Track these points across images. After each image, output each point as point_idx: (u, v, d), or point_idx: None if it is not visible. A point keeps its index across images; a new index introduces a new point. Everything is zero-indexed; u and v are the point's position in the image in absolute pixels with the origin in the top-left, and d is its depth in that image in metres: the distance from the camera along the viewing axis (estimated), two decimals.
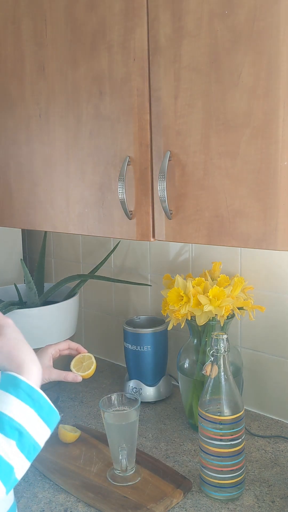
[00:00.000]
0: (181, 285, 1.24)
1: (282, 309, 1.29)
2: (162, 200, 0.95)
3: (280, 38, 0.80)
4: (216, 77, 0.88)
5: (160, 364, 1.45)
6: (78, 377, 1.09)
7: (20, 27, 1.17)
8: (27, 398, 0.75)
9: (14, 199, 1.28)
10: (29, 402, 0.75)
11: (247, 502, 1.02)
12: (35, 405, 0.75)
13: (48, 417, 0.76)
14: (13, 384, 0.76)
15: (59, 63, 1.11)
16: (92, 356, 1.15)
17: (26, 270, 1.48)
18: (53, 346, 1.12)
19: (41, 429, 0.75)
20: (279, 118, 0.81)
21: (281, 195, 0.83)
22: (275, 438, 1.24)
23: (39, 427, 0.75)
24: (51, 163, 1.17)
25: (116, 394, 1.15)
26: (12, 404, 0.74)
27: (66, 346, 1.13)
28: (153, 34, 0.95)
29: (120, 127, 1.02)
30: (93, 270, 1.61)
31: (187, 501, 1.03)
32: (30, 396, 0.75)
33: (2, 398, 0.74)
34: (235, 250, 1.36)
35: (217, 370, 1.03)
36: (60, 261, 1.92)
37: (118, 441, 1.08)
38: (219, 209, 0.91)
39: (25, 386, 0.76)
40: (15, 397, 0.75)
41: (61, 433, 1.22)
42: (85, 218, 1.12)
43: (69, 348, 1.14)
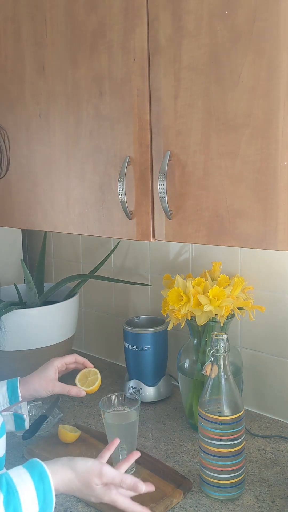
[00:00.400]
0: (181, 285, 1.24)
1: (282, 309, 1.29)
2: (162, 200, 0.95)
3: (280, 38, 0.80)
4: (216, 77, 0.88)
5: (160, 364, 1.45)
6: (82, 391, 1.10)
7: (20, 27, 1.17)
8: (42, 498, 0.76)
9: (14, 199, 1.28)
10: (41, 503, 0.76)
11: (247, 502, 1.02)
12: (42, 508, 0.76)
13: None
14: (41, 477, 0.77)
15: (59, 63, 1.11)
16: (97, 372, 1.17)
17: (26, 270, 1.48)
18: (59, 359, 1.13)
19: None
20: (279, 118, 0.81)
21: (281, 195, 0.83)
22: (275, 438, 1.24)
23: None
24: (51, 163, 1.17)
25: (116, 394, 1.15)
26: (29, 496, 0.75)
27: (73, 360, 1.14)
28: (153, 34, 0.95)
29: (120, 127, 1.02)
30: (93, 270, 1.61)
31: (187, 501, 1.03)
32: (45, 497, 0.76)
33: (25, 479, 0.76)
34: (235, 250, 1.36)
35: (217, 370, 1.03)
36: (60, 261, 1.92)
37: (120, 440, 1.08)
38: (219, 209, 0.91)
39: (47, 485, 0.77)
40: (34, 488, 0.76)
41: (61, 433, 1.22)
42: (85, 218, 1.12)
43: (75, 362, 1.14)
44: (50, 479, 0.78)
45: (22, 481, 0.76)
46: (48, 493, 0.77)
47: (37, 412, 1.35)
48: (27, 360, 1.46)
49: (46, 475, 0.78)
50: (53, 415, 1.33)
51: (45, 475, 0.78)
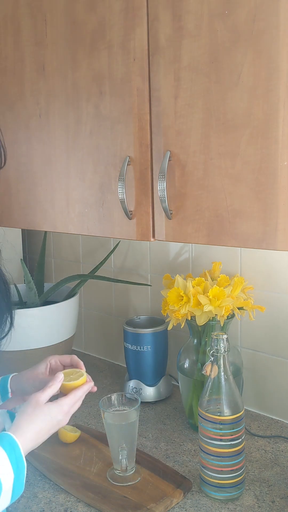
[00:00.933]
0: (181, 285, 1.24)
1: (282, 309, 1.29)
2: (162, 200, 0.95)
3: (280, 38, 0.80)
4: (216, 77, 0.88)
5: (160, 364, 1.45)
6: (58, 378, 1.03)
7: (20, 27, 1.17)
8: (14, 463, 0.81)
9: (14, 199, 1.28)
10: (14, 468, 0.81)
11: (247, 502, 1.02)
12: (16, 472, 0.81)
13: (16, 489, 0.82)
14: (10, 444, 0.83)
15: (59, 63, 1.11)
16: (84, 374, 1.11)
17: (26, 270, 1.48)
18: (55, 357, 1.11)
19: (6, 498, 0.80)
20: (279, 118, 0.81)
21: (281, 195, 0.83)
22: (275, 438, 1.24)
23: (7, 495, 0.80)
24: (51, 163, 1.17)
25: (116, 394, 1.15)
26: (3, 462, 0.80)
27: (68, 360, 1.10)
28: (153, 34, 0.95)
29: (120, 127, 1.02)
30: (93, 270, 1.61)
31: (187, 501, 1.03)
32: (17, 464, 0.81)
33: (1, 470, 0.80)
34: (235, 250, 1.36)
35: (217, 370, 1.03)
36: (60, 261, 1.92)
37: (118, 441, 1.08)
38: (219, 209, 0.91)
39: (18, 453, 0.82)
40: (7, 456, 0.81)
41: (61, 433, 1.22)
42: (85, 218, 1.12)
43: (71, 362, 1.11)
44: (19, 446, 0.84)
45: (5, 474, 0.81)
46: (20, 458, 0.82)
47: None
48: (27, 360, 1.46)
49: (15, 443, 0.84)
50: None
51: (14, 443, 0.84)
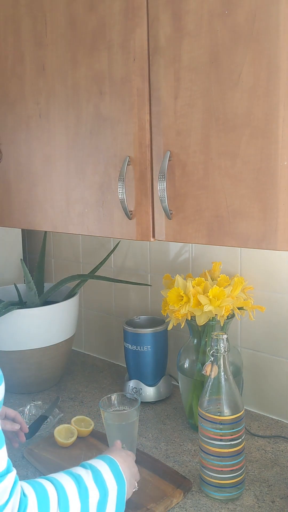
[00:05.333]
0: (181, 285, 1.24)
1: (282, 309, 1.29)
2: (162, 200, 0.95)
3: (280, 38, 0.80)
4: (216, 77, 0.88)
5: (160, 364, 1.45)
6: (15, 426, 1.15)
7: (20, 27, 1.17)
8: (117, 476, 0.89)
9: (13, 199, 1.28)
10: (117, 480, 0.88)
11: (247, 502, 1.02)
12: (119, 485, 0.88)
13: (119, 505, 0.88)
14: (111, 462, 0.91)
15: (59, 63, 1.11)
16: (92, 422, 1.26)
17: (26, 270, 1.48)
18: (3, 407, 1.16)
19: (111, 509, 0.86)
20: (279, 118, 0.81)
21: (281, 195, 0.83)
22: (275, 438, 1.24)
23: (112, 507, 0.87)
24: (51, 163, 1.17)
25: (116, 394, 1.15)
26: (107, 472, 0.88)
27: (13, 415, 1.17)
28: (153, 34, 0.95)
29: (120, 127, 1.02)
30: (93, 270, 1.61)
31: (187, 501, 1.03)
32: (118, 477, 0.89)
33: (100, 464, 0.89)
34: (235, 250, 1.36)
35: (217, 370, 1.03)
36: (60, 261, 1.92)
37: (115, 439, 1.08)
38: (219, 209, 0.91)
39: (118, 468, 0.90)
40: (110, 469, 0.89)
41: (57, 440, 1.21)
42: (85, 218, 1.12)
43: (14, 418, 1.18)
44: (117, 462, 0.92)
45: (98, 463, 0.89)
46: (119, 473, 0.90)
47: (37, 412, 1.35)
48: (27, 360, 1.46)
49: (115, 461, 0.92)
50: (53, 415, 1.33)
51: (114, 461, 0.92)
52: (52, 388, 1.55)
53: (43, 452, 1.19)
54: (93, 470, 0.86)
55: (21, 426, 1.17)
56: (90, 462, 0.90)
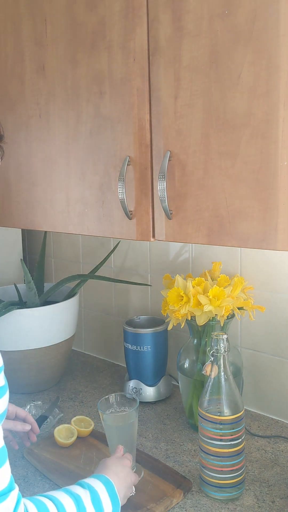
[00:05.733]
0: (181, 285, 1.24)
1: (282, 309, 1.29)
2: (162, 200, 0.95)
3: (280, 38, 0.80)
4: (216, 77, 0.88)
5: (160, 364, 1.45)
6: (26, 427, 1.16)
7: (20, 27, 1.17)
8: (113, 499, 0.88)
9: (14, 199, 1.28)
10: (113, 504, 0.88)
11: (247, 502, 1.02)
12: (114, 508, 0.87)
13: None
14: (107, 482, 0.90)
15: (59, 63, 1.11)
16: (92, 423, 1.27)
17: (26, 270, 1.48)
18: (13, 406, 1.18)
19: None
20: (279, 118, 0.81)
21: (281, 195, 0.83)
22: (275, 438, 1.24)
23: None
24: (51, 163, 1.17)
25: (114, 395, 1.14)
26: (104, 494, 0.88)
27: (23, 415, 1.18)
28: (153, 34, 0.95)
29: (120, 127, 1.02)
30: (93, 270, 1.61)
31: (187, 501, 1.03)
32: (114, 501, 0.88)
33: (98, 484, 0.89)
34: (235, 250, 1.36)
35: (217, 370, 1.03)
36: (60, 261, 1.92)
37: (118, 442, 1.08)
38: (219, 209, 0.91)
39: (113, 491, 0.89)
40: (106, 491, 0.88)
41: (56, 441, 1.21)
42: (85, 218, 1.12)
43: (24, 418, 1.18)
44: (113, 483, 0.91)
45: (96, 483, 0.89)
46: (115, 495, 0.89)
47: (37, 412, 1.35)
48: (27, 360, 1.46)
49: (110, 482, 0.91)
50: (53, 415, 1.33)
51: (109, 482, 0.91)
52: (52, 388, 1.55)
53: (43, 452, 1.19)
54: (91, 491, 0.87)
55: (32, 426, 1.18)
56: (88, 481, 0.90)
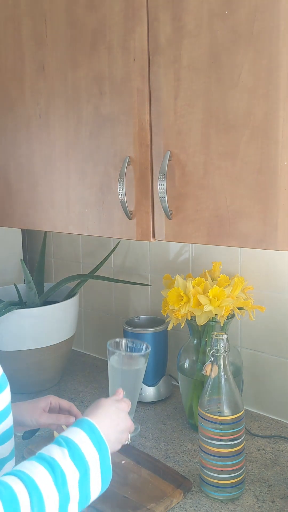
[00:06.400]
0: (181, 285, 1.24)
1: (282, 309, 1.29)
2: (162, 200, 0.95)
3: (280, 38, 0.80)
4: (216, 77, 0.88)
5: (160, 364, 1.45)
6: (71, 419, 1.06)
7: (20, 27, 1.17)
8: (97, 444, 0.81)
9: (14, 199, 1.28)
10: (98, 448, 0.81)
11: (247, 502, 1.02)
12: (101, 454, 0.81)
13: (105, 473, 0.81)
14: (89, 427, 0.83)
15: (59, 63, 1.11)
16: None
17: (26, 270, 1.48)
18: (56, 397, 1.11)
19: (96, 481, 0.79)
20: (279, 118, 0.81)
21: (281, 195, 0.83)
22: (275, 438, 1.24)
23: (97, 478, 0.79)
24: (51, 163, 1.17)
25: (125, 339, 1.08)
26: (86, 442, 0.80)
27: (68, 406, 1.10)
28: (153, 34, 0.95)
29: (120, 127, 1.02)
30: (93, 270, 1.61)
31: (187, 501, 1.03)
32: (100, 444, 0.81)
33: (78, 433, 0.81)
34: (235, 250, 1.36)
35: (217, 370, 1.03)
36: (60, 261, 1.92)
37: (117, 385, 1.03)
38: (219, 209, 0.91)
39: (97, 434, 0.82)
40: (89, 438, 0.81)
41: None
42: (85, 218, 1.12)
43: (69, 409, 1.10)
44: (96, 426, 0.84)
45: (76, 434, 0.81)
46: (101, 439, 0.82)
47: None
48: (27, 360, 1.46)
49: (94, 426, 0.84)
50: None
51: (93, 426, 0.84)
52: (52, 388, 1.55)
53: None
54: (69, 447, 0.78)
55: (77, 418, 1.09)
56: (67, 434, 0.82)
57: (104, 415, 0.89)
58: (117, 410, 0.92)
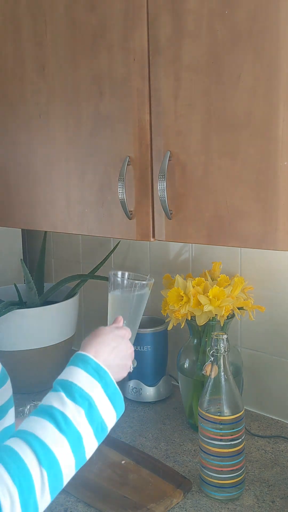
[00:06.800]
0: (181, 285, 1.24)
1: (282, 309, 1.29)
2: (162, 200, 0.95)
3: (280, 38, 0.80)
4: (216, 77, 0.88)
5: (160, 364, 1.45)
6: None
7: (20, 27, 1.17)
8: (94, 373, 0.79)
9: (14, 199, 1.28)
10: (96, 377, 0.79)
11: (247, 502, 1.02)
12: (101, 381, 0.79)
13: (113, 397, 0.79)
14: (82, 360, 0.81)
15: (59, 63, 1.11)
16: None
17: (26, 270, 1.48)
18: None
19: (107, 408, 0.78)
20: (279, 118, 0.81)
21: (281, 195, 0.83)
22: (275, 438, 1.24)
23: (106, 405, 0.77)
24: (51, 163, 1.17)
25: (127, 272, 1.04)
26: (81, 376, 0.78)
27: None
28: (153, 34, 0.95)
29: (120, 127, 1.02)
30: (93, 270, 1.61)
31: (187, 501, 1.03)
32: (97, 372, 0.80)
33: (71, 371, 0.79)
34: (235, 250, 1.36)
35: (217, 370, 1.03)
36: (60, 261, 1.92)
37: (121, 315, 1.00)
38: (219, 209, 0.91)
39: (92, 363, 0.80)
40: (83, 370, 0.79)
41: None
42: (85, 218, 1.12)
43: None
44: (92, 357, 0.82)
45: (71, 373, 0.79)
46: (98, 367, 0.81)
47: None
48: (27, 360, 1.46)
49: (87, 357, 0.82)
50: None
51: (86, 357, 0.82)
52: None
53: None
54: (64, 388, 0.76)
55: None
56: (61, 376, 0.79)
57: (102, 343, 0.86)
58: (116, 337, 0.89)
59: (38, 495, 0.67)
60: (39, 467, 0.67)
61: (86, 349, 0.84)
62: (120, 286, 1.03)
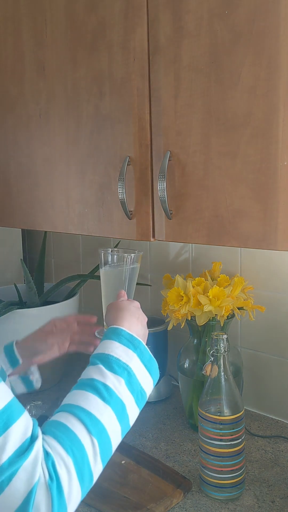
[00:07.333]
0: (181, 285, 1.24)
1: (282, 309, 1.29)
2: (162, 200, 0.95)
3: (280, 38, 0.80)
4: (216, 77, 0.88)
5: (160, 364, 1.44)
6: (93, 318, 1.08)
7: (20, 27, 1.17)
8: (129, 343, 0.83)
9: (14, 199, 1.28)
10: (131, 347, 0.82)
11: (247, 502, 1.02)
12: (136, 350, 0.83)
13: (149, 365, 0.83)
14: (115, 333, 0.84)
15: (59, 63, 1.11)
16: None
17: (26, 270, 1.48)
18: (60, 319, 1.12)
19: (144, 376, 0.81)
20: (279, 118, 0.81)
21: (281, 195, 0.83)
22: (275, 438, 1.24)
23: (143, 373, 0.81)
24: (51, 163, 1.17)
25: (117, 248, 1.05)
26: (117, 348, 0.81)
27: (72, 319, 1.11)
28: (153, 34, 0.95)
29: (120, 127, 1.02)
30: (93, 270, 1.61)
31: (187, 501, 1.03)
32: (132, 342, 0.83)
33: (106, 344, 0.82)
34: (235, 250, 1.36)
35: (217, 370, 1.03)
36: (60, 261, 1.92)
37: (115, 289, 1.01)
38: (219, 209, 0.91)
39: (126, 334, 0.84)
40: (118, 342, 0.82)
41: None
42: (85, 218, 1.12)
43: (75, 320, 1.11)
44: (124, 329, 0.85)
45: (107, 346, 0.82)
46: (131, 338, 0.84)
47: (37, 412, 1.35)
48: None
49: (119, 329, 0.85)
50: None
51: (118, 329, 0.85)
52: (52, 388, 1.55)
53: None
54: (102, 361, 0.79)
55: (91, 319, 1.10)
56: (97, 350, 0.82)
57: (129, 316, 0.90)
58: (136, 308, 0.93)
59: (92, 463, 0.69)
60: (90, 436, 0.70)
61: (116, 322, 0.87)
62: (111, 261, 1.05)
